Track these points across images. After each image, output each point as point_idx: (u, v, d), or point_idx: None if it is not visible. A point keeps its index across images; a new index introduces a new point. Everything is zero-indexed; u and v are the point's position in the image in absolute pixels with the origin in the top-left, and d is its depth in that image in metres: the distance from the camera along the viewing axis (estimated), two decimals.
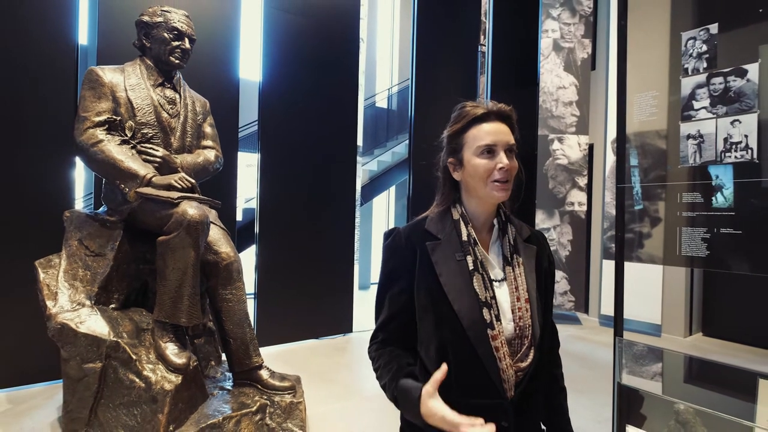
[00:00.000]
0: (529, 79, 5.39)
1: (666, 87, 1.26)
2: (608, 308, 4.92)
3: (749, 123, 1.10)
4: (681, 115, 1.25)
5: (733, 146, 1.15)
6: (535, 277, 0.99)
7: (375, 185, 7.59)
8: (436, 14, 4.60)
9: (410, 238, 0.98)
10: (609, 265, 4.87)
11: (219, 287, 2.20)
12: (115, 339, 1.91)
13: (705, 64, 1.21)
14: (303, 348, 3.75)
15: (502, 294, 0.95)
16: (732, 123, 1.15)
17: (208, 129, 2.49)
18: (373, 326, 1.06)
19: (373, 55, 8.81)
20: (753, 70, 1.11)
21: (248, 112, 4.47)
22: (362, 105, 8.22)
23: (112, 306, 2.11)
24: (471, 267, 0.93)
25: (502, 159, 0.92)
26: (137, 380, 1.86)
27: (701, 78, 1.22)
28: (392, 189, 8.38)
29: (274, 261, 3.73)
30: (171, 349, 1.96)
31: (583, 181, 4.86)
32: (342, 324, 4.12)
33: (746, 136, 1.12)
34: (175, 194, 2.01)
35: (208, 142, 2.47)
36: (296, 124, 3.83)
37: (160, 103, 2.24)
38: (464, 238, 0.96)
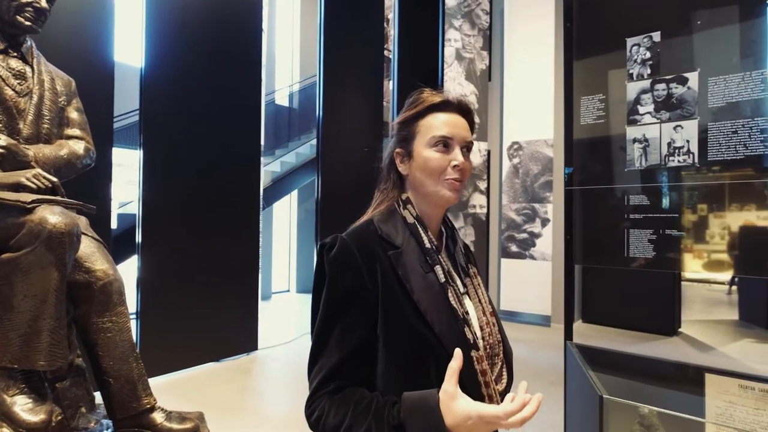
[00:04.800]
0: (432, 86, 5.55)
1: (612, 91, 1.31)
2: (507, 304, 5.31)
3: (690, 129, 1.19)
4: (627, 119, 1.30)
5: (676, 150, 1.22)
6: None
7: (277, 188, 7.16)
8: (341, 17, 4.47)
9: (365, 247, 0.79)
10: (506, 263, 5.26)
11: (93, 315, 1.74)
12: None
13: (649, 71, 1.28)
14: (201, 374, 3.26)
15: (470, 309, 0.83)
16: (675, 128, 1.23)
17: (74, 114, 1.97)
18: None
19: (273, 49, 8.32)
20: (693, 78, 1.19)
21: (125, 101, 3.83)
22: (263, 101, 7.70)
23: None
24: (443, 279, 0.79)
25: (458, 156, 0.81)
26: None
27: (646, 84, 1.28)
28: (294, 192, 8.00)
29: (161, 275, 3.18)
30: (22, 404, 1.47)
31: (483, 185, 5.15)
32: (246, 342, 3.70)
33: (688, 141, 1.20)
34: (27, 196, 1.52)
35: (75, 131, 1.96)
36: (187, 117, 3.34)
37: (2, 77, 1.69)
38: (426, 245, 0.81)
